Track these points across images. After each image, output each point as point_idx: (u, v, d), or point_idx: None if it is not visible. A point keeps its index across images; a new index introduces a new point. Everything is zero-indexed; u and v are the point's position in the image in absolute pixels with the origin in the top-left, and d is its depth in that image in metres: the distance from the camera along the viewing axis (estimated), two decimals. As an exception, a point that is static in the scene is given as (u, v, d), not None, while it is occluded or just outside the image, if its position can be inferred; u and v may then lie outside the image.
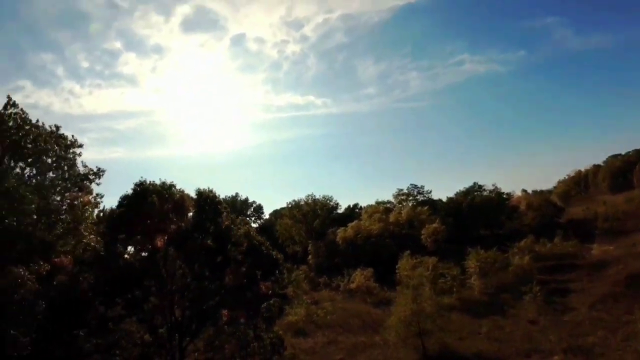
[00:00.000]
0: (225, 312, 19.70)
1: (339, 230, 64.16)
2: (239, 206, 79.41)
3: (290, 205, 76.10)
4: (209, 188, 22.17)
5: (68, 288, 17.73)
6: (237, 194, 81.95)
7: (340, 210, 79.64)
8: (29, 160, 18.40)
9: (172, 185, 21.96)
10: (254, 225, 76.91)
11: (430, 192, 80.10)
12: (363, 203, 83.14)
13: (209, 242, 19.66)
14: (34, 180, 18.73)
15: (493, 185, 74.77)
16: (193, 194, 21.77)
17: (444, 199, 79.56)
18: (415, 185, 79.93)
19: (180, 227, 19.92)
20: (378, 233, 60.98)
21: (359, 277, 47.66)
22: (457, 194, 77.07)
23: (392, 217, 66.43)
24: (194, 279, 19.88)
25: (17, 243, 16.29)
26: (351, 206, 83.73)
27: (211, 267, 19.79)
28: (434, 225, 59.59)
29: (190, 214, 21.36)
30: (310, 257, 64.45)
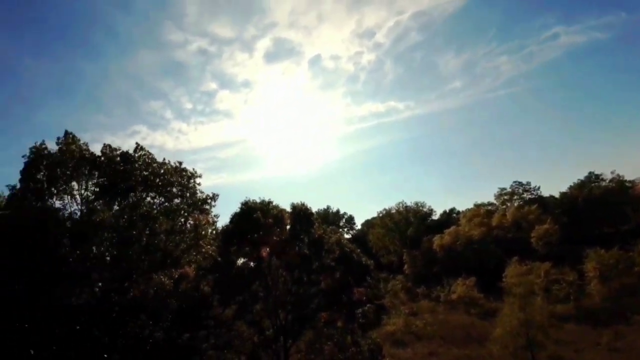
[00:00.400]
0: (323, 315, 21.20)
1: (435, 238, 61.99)
2: (331, 218, 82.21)
3: (381, 215, 76.13)
4: (301, 202, 24.52)
5: (192, 292, 21.20)
6: (328, 207, 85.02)
7: (435, 217, 76.64)
8: (159, 190, 22.60)
9: (270, 202, 24.89)
10: (346, 236, 78.52)
11: (538, 188, 69.80)
12: (460, 207, 78.56)
13: (305, 250, 21.56)
14: (163, 207, 22.91)
15: (613, 173, 63.91)
16: (289, 209, 24.21)
17: (556, 195, 69.95)
18: (520, 183, 70.22)
19: (280, 238, 22.22)
20: (480, 238, 57.27)
21: (461, 286, 45.48)
22: (570, 188, 67.79)
23: (495, 220, 61.65)
24: (294, 284, 21.90)
25: (154, 256, 20.13)
26: (447, 211, 79.97)
27: (308, 274, 21.58)
28: (545, 225, 53.23)
29: (288, 226, 23.67)
30: (406, 266, 63.42)
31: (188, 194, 23.40)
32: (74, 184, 19.47)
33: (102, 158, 20.20)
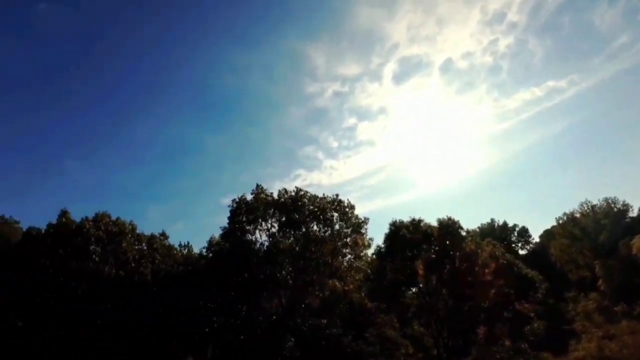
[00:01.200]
0: (484, 329, 21.07)
1: (634, 241, 49.86)
2: (498, 232, 74.98)
3: (562, 221, 65.56)
4: (448, 217, 25.23)
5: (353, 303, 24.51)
6: (492, 220, 77.99)
7: (633, 213, 61.26)
8: (322, 220, 27.03)
9: (419, 220, 26.54)
10: (521, 252, 70.25)
11: None
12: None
13: (456, 265, 22.18)
14: (327, 234, 27.19)
15: None
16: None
17: None
18: None
19: (429, 254, 23.44)
20: None
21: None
22: None
23: None
24: (451, 298, 22.56)
25: (323, 272, 24.35)
26: (653, 207, 62.83)
27: (463, 289, 21.96)
28: None
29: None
30: (600, 281, 52.87)
31: (345, 220, 27.20)
32: (262, 222, 25.60)
33: (280, 200, 25.93)
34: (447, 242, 23.37)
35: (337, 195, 27.29)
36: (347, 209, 27.38)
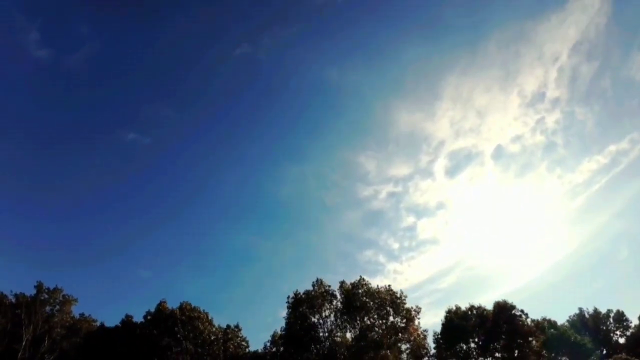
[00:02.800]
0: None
1: None
2: (591, 323, 65.82)
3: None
4: (504, 300, 25.97)
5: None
6: (580, 310, 69.05)
7: None
8: (377, 310, 28.67)
9: (473, 306, 27.35)
10: (620, 339, 60.62)
11: None
12: None
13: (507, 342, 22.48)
14: (384, 327, 28.48)
15: None
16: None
17: None
18: None
19: (480, 337, 23.86)
20: None
21: None
22: None
23: None
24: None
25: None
26: None
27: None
28: None
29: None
30: None
31: (397, 310, 28.40)
32: (322, 310, 28.08)
33: (339, 293, 28.57)
34: (499, 323, 23.76)
35: (389, 285, 29.24)
36: (398, 300, 28.70)
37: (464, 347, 24.27)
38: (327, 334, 27.57)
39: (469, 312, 27.22)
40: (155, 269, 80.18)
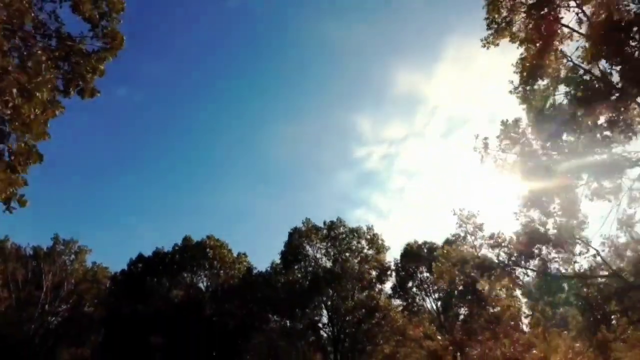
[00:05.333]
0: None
1: None
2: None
3: None
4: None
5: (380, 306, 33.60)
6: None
7: None
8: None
9: (427, 242, 35.65)
10: None
11: None
12: None
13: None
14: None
15: None
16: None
17: None
18: None
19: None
20: None
21: None
22: None
23: None
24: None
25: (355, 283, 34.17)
26: None
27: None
28: None
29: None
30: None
31: (372, 240, 36.93)
32: (310, 241, 36.42)
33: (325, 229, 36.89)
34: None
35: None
36: (374, 236, 37.18)
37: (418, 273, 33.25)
38: (312, 261, 36.14)
39: (423, 246, 35.93)
40: (147, 223, 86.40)
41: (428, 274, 35.49)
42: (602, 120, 10.76)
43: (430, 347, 29.36)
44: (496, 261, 17.38)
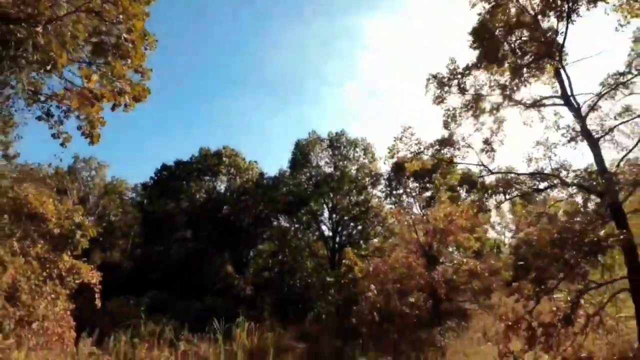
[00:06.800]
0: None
1: None
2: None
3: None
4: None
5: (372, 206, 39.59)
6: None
7: None
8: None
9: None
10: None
11: None
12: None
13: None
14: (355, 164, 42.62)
15: None
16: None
17: None
18: None
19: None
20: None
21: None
22: None
23: None
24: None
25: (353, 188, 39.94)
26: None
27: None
28: None
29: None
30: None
31: (366, 150, 42.26)
32: (315, 150, 41.58)
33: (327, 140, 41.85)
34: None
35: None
36: (370, 147, 42.20)
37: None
38: (316, 168, 41.48)
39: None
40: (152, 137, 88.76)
41: (417, 184, 41.26)
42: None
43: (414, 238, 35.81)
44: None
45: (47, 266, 8.77)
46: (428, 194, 39.96)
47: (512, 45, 9.11)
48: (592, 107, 7.45)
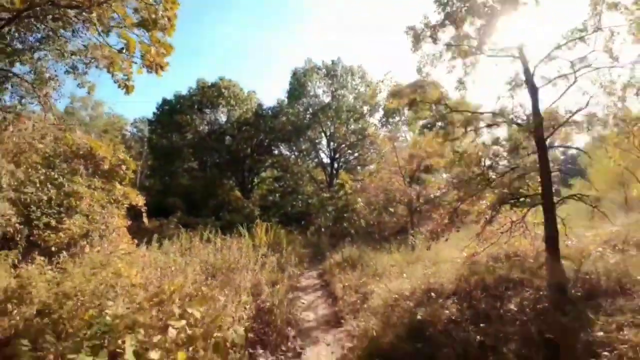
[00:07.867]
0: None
1: None
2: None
3: None
4: None
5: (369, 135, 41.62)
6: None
7: None
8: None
9: None
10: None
11: None
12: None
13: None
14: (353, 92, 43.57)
15: None
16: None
17: None
18: None
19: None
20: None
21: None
22: None
23: None
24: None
25: (352, 115, 41.41)
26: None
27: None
28: None
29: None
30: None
31: (363, 78, 43.07)
32: (312, 79, 42.41)
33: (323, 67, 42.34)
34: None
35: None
36: (367, 76, 42.84)
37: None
38: (313, 97, 42.62)
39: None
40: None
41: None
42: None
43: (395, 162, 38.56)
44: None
45: (107, 194, 11.30)
46: (420, 122, 41.72)
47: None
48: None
